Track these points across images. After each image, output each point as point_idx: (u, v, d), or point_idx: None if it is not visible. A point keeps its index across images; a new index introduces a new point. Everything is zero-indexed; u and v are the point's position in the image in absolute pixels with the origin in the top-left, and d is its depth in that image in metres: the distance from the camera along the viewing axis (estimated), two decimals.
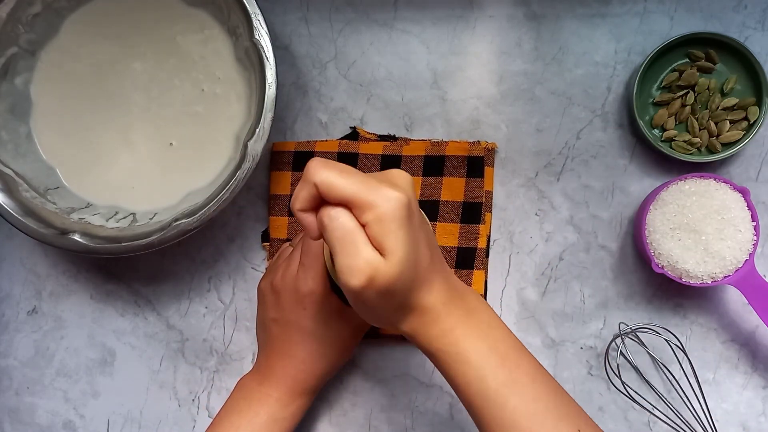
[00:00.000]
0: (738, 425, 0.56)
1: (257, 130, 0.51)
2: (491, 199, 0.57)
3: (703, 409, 0.55)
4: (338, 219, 0.35)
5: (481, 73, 0.57)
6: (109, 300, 0.59)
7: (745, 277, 0.52)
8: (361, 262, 0.35)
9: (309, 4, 0.58)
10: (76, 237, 0.52)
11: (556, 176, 0.57)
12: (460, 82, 0.58)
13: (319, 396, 0.58)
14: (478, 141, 0.57)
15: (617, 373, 0.55)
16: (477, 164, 0.56)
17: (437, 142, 0.57)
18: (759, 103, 0.54)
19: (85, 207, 0.56)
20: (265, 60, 0.51)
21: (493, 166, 0.57)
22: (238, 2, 0.52)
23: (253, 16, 0.51)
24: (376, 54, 0.58)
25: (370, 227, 0.35)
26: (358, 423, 0.58)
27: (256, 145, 0.51)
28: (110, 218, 0.55)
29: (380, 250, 0.36)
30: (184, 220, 0.51)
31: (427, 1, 0.57)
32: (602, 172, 0.57)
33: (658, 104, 0.56)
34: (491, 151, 0.57)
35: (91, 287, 0.59)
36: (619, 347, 0.56)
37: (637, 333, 0.56)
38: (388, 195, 0.35)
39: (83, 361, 0.59)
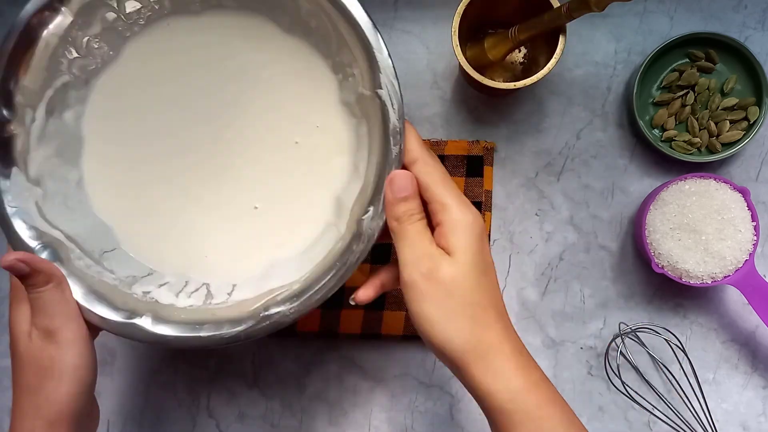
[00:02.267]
0: (738, 425, 0.56)
1: (374, 203, 0.40)
2: (491, 198, 0.57)
3: (703, 409, 0.55)
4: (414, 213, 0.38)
5: None
6: None
7: (745, 277, 0.52)
8: (425, 251, 0.38)
9: None
10: (146, 323, 0.42)
11: (556, 176, 0.57)
12: (460, 82, 0.58)
13: (319, 396, 0.58)
14: (477, 140, 0.57)
15: (617, 373, 0.55)
16: (476, 163, 0.56)
17: (436, 141, 0.57)
18: (759, 103, 0.54)
19: (148, 275, 0.46)
20: (391, 114, 0.40)
21: (492, 165, 0.57)
22: (356, 34, 0.41)
23: (377, 53, 0.40)
24: None
25: (443, 227, 0.38)
26: (358, 423, 0.58)
27: (373, 223, 0.40)
28: (180, 291, 0.45)
29: (447, 249, 0.38)
30: (278, 310, 0.41)
31: (427, 1, 0.57)
32: (602, 172, 0.57)
33: (658, 104, 0.56)
34: (490, 150, 0.57)
35: None
36: (619, 347, 0.56)
37: (637, 333, 0.56)
38: (474, 211, 0.38)
39: None
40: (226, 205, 0.47)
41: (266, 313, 0.41)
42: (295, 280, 0.43)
